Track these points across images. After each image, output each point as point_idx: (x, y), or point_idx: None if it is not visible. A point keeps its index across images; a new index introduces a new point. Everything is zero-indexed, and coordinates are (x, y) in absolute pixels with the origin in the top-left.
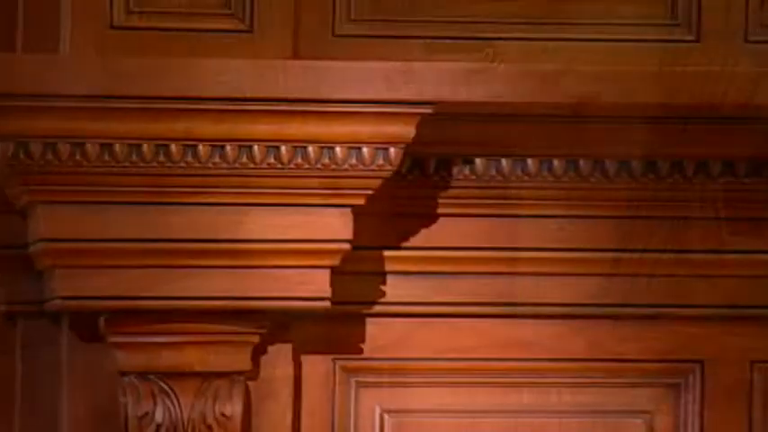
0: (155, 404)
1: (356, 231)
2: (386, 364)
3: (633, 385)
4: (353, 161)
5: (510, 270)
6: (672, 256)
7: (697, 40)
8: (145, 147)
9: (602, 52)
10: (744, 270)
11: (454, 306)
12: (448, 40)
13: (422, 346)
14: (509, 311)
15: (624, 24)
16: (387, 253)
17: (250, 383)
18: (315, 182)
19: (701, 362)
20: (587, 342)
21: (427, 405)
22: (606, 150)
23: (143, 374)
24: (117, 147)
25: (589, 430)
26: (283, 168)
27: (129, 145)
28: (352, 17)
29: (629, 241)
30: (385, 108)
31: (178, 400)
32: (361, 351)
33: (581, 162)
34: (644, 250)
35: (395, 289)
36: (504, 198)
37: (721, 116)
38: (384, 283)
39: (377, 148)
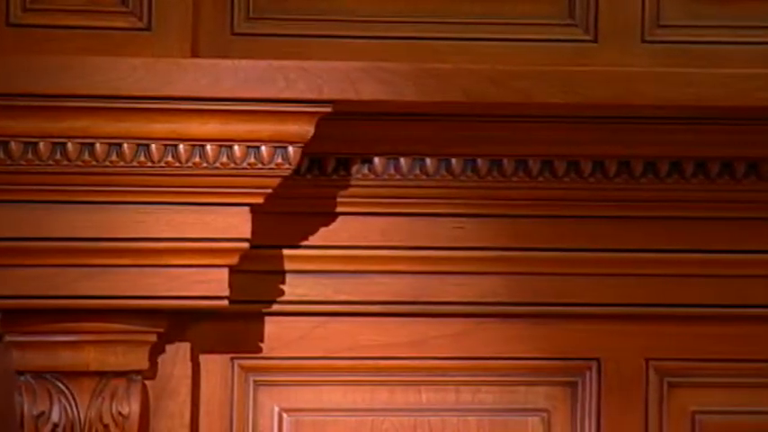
0: (51, 404)
1: (255, 230)
2: (285, 363)
3: (531, 383)
4: (252, 160)
5: (409, 269)
6: (567, 254)
7: (594, 41)
8: (41, 145)
9: (500, 52)
10: (638, 269)
11: (353, 305)
12: (347, 39)
13: (321, 345)
14: (408, 310)
15: (521, 24)
16: (286, 252)
17: (148, 383)
18: (213, 180)
19: (597, 360)
20: (486, 341)
21: (326, 404)
22: (503, 149)
23: (39, 374)
24: (12, 145)
25: (488, 429)
26: (181, 167)
27: (26, 143)
28: (251, 15)
29: (527, 240)
30: (284, 107)
31: (75, 400)
32: (259, 350)
33: (479, 161)
34: (541, 249)
35: (294, 288)
36: (403, 197)
37: (620, 116)
38: (283, 281)
39: (275, 147)
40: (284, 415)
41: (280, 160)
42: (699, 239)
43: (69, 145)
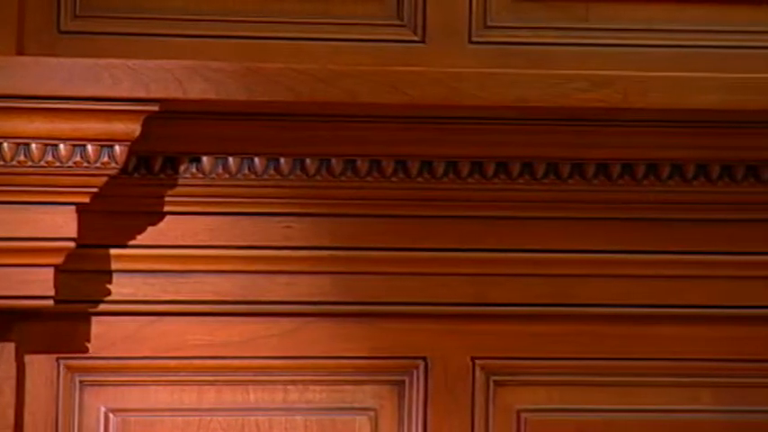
0: None
1: (81, 229)
2: (111, 363)
3: (358, 382)
4: (78, 159)
5: (237, 268)
6: (395, 254)
7: (422, 41)
8: None
9: (329, 51)
10: (465, 268)
11: (182, 304)
12: (175, 38)
13: (148, 345)
14: (236, 309)
15: (350, 24)
16: (113, 251)
17: None
18: (38, 179)
19: (424, 359)
20: (314, 340)
21: (153, 404)
22: (332, 149)
23: None
24: None
25: (315, 428)
26: (6, 166)
27: None
28: (78, 14)
29: (355, 239)
30: (110, 105)
31: None
32: (86, 350)
33: (307, 161)
34: (370, 248)
35: (121, 287)
36: (231, 196)
37: (447, 116)
38: (110, 281)
39: (102, 146)
40: (110, 415)
41: (106, 159)
42: (525, 238)
43: None
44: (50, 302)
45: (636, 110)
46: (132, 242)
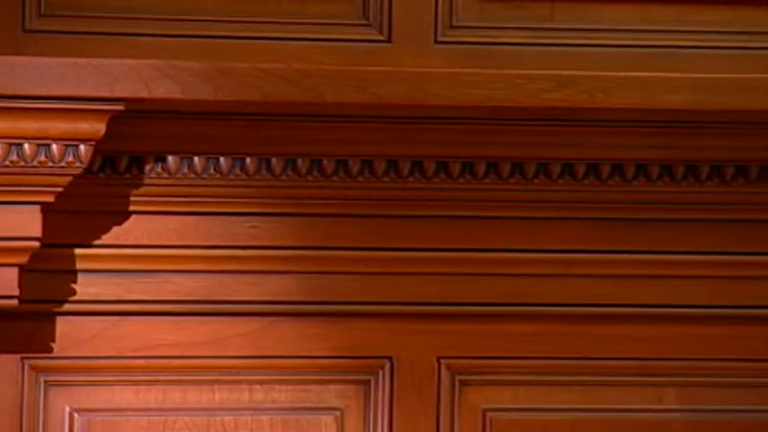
0: None
1: (46, 229)
2: (76, 363)
3: (324, 382)
4: (42, 158)
5: (203, 268)
6: (360, 253)
7: (388, 41)
8: None
9: (296, 51)
10: (430, 267)
11: (147, 304)
12: (141, 37)
13: (114, 345)
14: (202, 309)
15: (316, 24)
16: (78, 251)
17: None
18: (3, 179)
19: (390, 358)
20: (279, 339)
21: (118, 404)
22: (298, 149)
23: None
24: None
25: (281, 428)
26: None
27: None
28: (43, 12)
29: (321, 239)
30: (74, 105)
31: None
32: (51, 350)
33: (273, 160)
34: (335, 248)
35: (86, 287)
36: (197, 196)
37: (413, 116)
38: (75, 281)
39: (66, 145)
40: (75, 415)
41: (71, 159)
42: (491, 238)
43: None
44: (15, 302)
45: (601, 110)
46: (97, 242)
